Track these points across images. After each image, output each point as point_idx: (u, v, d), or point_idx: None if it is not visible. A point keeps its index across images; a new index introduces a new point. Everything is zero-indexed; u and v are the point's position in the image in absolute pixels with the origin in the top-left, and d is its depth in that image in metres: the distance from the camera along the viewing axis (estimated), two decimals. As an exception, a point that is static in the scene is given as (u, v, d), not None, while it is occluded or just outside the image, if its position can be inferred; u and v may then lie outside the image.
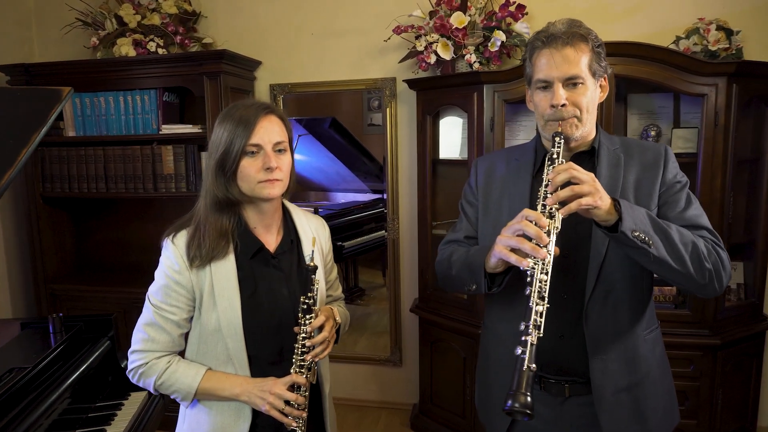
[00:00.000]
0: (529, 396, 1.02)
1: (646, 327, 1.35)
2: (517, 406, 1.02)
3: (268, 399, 1.24)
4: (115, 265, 3.26)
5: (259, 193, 1.26)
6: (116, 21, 2.90)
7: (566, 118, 1.26)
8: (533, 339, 1.07)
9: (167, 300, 1.28)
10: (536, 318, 1.09)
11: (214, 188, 1.26)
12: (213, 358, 1.30)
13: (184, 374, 1.28)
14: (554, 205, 1.14)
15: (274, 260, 1.33)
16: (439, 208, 2.84)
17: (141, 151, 2.87)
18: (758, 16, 2.53)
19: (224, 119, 1.27)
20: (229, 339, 1.27)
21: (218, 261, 1.27)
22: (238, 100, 2.79)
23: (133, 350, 1.30)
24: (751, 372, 2.59)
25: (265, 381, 1.27)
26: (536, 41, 1.31)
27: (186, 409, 1.36)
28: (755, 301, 2.56)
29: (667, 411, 1.37)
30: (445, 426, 2.78)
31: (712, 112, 2.26)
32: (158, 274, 1.32)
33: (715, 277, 1.21)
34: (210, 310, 1.27)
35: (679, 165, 1.35)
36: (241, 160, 1.23)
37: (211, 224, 1.27)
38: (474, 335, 2.58)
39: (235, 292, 1.27)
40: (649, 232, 1.15)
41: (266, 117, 1.25)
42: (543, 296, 1.10)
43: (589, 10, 2.63)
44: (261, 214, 1.32)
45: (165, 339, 1.29)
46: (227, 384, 1.27)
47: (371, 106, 3.45)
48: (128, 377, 1.34)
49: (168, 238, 1.31)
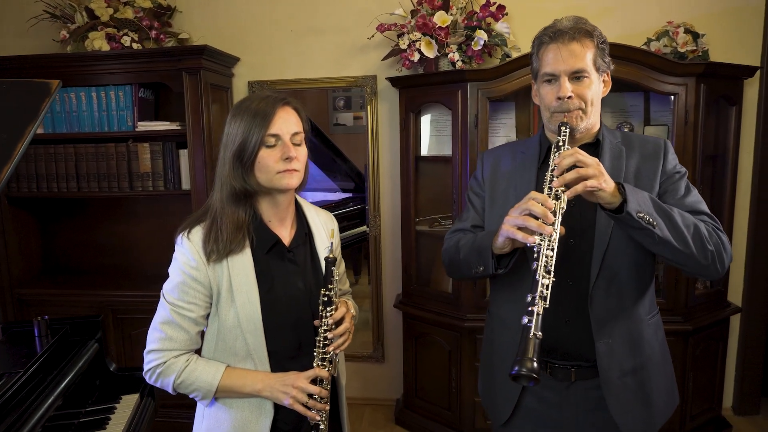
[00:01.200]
0: (536, 362, 1.06)
1: (648, 311, 1.40)
2: (524, 371, 1.05)
3: (292, 393, 1.23)
4: (85, 267, 3.14)
5: (278, 184, 1.25)
6: (87, 14, 2.80)
7: (572, 110, 1.31)
8: (539, 309, 1.12)
9: (184, 297, 1.26)
10: (542, 290, 1.14)
11: (231, 180, 1.25)
12: (232, 355, 1.28)
13: (203, 372, 1.26)
14: (560, 188, 1.19)
15: (290, 254, 1.33)
16: (421, 205, 2.88)
17: (116, 148, 2.78)
18: (721, 21, 2.68)
19: (239, 112, 1.26)
20: (248, 334, 1.26)
21: (235, 255, 1.26)
22: (218, 96, 2.80)
23: (150, 350, 1.27)
24: (717, 356, 2.74)
25: (287, 375, 1.26)
26: (544, 36, 1.36)
27: (205, 408, 1.34)
28: (720, 288, 2.72)
29: (669, 393, 1.43)
30: (431, 419, 2.82)
31: (683, 111, 2.39)
32: (173, 271, 1.29)
33: (717, 258, 1.27)
34: (228, 306, 1.26)
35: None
36: (259, 151, 1.23)
37: (228, 216, 1.26)
38: (458, 328, 2.63)
39: (253, 287, 1.26)
40: (653, 213, 1.20)
41: (283, 108, 1.25)
42: (549, 270, 1.15)
43: (564, 12, 2.68)
44: (276, 207, 1.31)
45: (183, 337, 1.27)
46: (248, 380, 1.26)
47: (337, 105, 3.44)
48: (144, 378, 1.31)
49: (182, 235, 1.29)
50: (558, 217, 1.17)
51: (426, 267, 2.91)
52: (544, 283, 1.14)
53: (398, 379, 3.06)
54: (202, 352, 1.33)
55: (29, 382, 1.57)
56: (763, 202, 2.80)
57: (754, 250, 2.84)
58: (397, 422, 2.96)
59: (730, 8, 2.69)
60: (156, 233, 3.06)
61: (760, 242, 2.83)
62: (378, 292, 3.10)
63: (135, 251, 3.09)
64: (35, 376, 1.61)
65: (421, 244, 2.87)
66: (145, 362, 1.29)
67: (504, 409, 1.47)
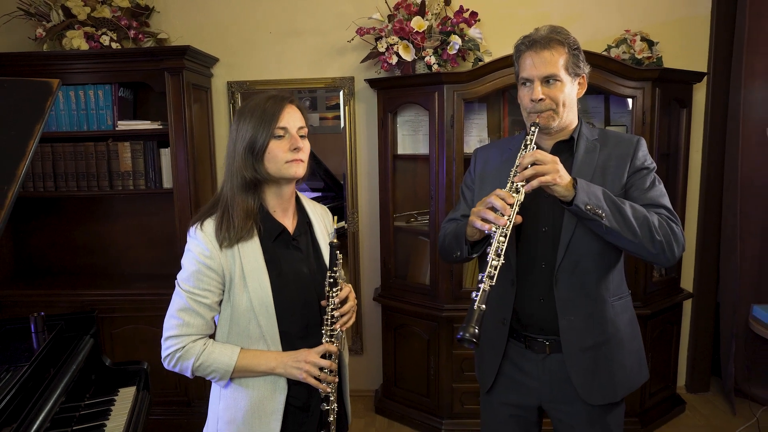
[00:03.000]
0: (477, 329, 1.24)
1: (614, 294, 1.54)
2: (466, 336, 1.24)
3: (305, 368, 1.34)
4: (63, 268, 3.11)
5: (286, 172, 1.36)
6: (63, 12, 2.79)
7: (544, 111, 1.47)
8: (486, 286, 1.30)
9: (199, 285, 1.34)
10: (491, 270, 1.31)
11: (243, 170, 1.35)
12: (245, 338, 1.37)
13: (221, 354, 1.35)
14: (520, 183, 1.36)
15: (294, 242, 1.44)
16: (397, 201, 3.00)
17: (95, 147, 2.78)
18: (673, 30, 2.92)
19: (248, 111, 1.37)
20: (261, 317, 1.35)
21: (245, 243, 1.35)
22: (198, 96, 2.84)
23: (169, 336, 1.35)
24: (672, 338, 2.98)
25: (298, 352, 1.36)
26: (521, 45, 1.51)
27: (221, 390, 1.41)
28: (674, 276, 2.96)
29: (634, 369, 1.58)
30: (410, 406, 2.95)
31: (641, 112, 2.60)
32: (187, 262, 1.38)
33: (666, 248, 1.42)
34: (241, 291, 1.35)
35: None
36: (269, 143, 1.34)
37: (239, 204, 1.36)
38: (436, 318, 2.77)
39: (263, 273, 1.36)
40: (602, 206, 1.36)
41: (290, 105, 1.38)
42: (499, 254, 1.32)
43: (531, 19, 2.90)
44: (280, 198, 1.42)
45: (199, 322, 1.35)
46: (262, 360, 1.36)
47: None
48: (163, 364, 1.37)
49: (195, 227, 1.38)
50: (515, 208, 1.35)
51: (404, 261, 3.03)
52: (494, 264, 1.31)
53: (377, 370, 3.17)
54: (216, 337, 1.41)
55: (34, 377, 1.60)
56: (711, 196, 3.06)
57: (703, 240, 3.09)
58: (377, 411, 3.08)
59: (680, 19, 2.93)
60: (136, 232, 3.07)
61: (709, 233, 3.09)
62: (356, 286, 3.20)
63: (114, 250, 3.09)
64: (38, 370, 1.65)
65: (399, 239, 2.99)
66: (164, 348, 1.36)
67: (488, 377, 1.63)
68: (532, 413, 1.62)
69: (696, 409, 3.05)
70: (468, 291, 2.67)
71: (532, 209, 1.52)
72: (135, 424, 1.77)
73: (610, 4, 2.93)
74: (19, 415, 1.44)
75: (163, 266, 3.02)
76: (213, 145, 3.08)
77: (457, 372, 2.78)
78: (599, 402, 1.51)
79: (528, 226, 1.53)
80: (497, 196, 1.35)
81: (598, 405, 1.51)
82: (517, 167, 1.39)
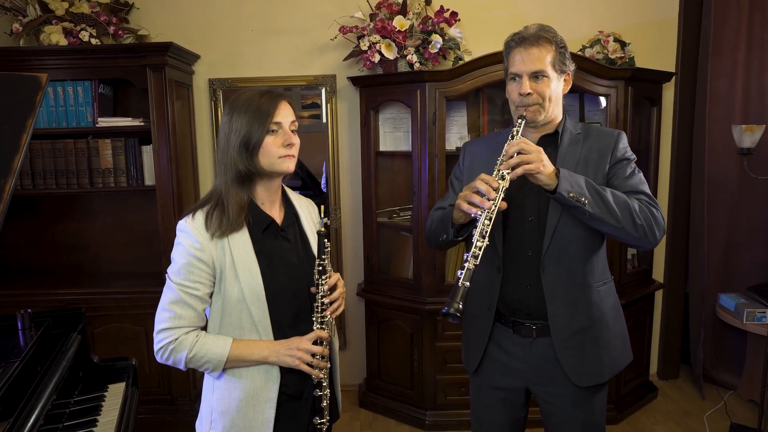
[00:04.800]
0: (461, 304, 1.32)
1: (598, 280, 1.62)
2: (451, 310, 1.31)
3: (297, 354, 1.36)
4: (41, 267, 3.06)
5: (279, 167, 1.39)
6: (40, 7, 2.75)
7: (531, 104, 1.54)
8: (470, 265, 1.37)
9: (190, 277, 1.36)
10: (475, 251, 1.38)
11: (237, 163, 1.37)
12: (237, 328, 1.39)
13: (213, 344, 1.36)
14: (506, 170, 1.43)
15: (282, 232, 1.47)
16: (380, 197, 3.04)
17: (74, 144, 2.75)
18: (643, 31, 3.05)
19: (240, 106, 1.38)
20: (252, 307, 1.37)
21: (235, 234, 1.38)
22: (180, 93, 2.83)
23: (161, 329, 1.35)
24: (645, 327, 3.10)
25: (290, 340, 1.39)
26: (511, 41, 1.58)
27: (215, 381, 1.43)
28: (647, 267, 3.08)
29: (618, 351, 1.65)
30: (394, 399, 3.00)
31: (614, 110, 2.70)
32: (177, 255, 1.38)
33: (647, 231, 1.49)
34: (233, 282, 1.37)
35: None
36: (265, 137, 1.36)
37: (233, 197, 1.38)
38: (420, 311, 2.82)
39: (254, 263, 1.38)
40: (584, 193, 1.43)
41: (283, 101, 1.41)
42: (484, 235, 1.39)
43: (508, 20, 2.99)
44: (268, 191, 1.45)
45: (191, 314, 1.37)
46: (255, 349, 1.38)
47: None
48: (155, 357, 1.38)
49: (185, 220, 1.39)
50: (500, 193, 1.41)
51: (386, 256, 3.08)
52: (479, 245, 1.38)
53: (361, 365, 3.21)
54: (207, 329, 1.42)
55: (24, 374, 1.59)
56: (680, 191, 3.19)
57: (672, 232, 3.23)
58: (361, 405, 3.12)
59: (650, 21, 3.06)
60: (116, 230, 3.04)
61: (678, 226, 3.23)
62: (339, 282, 3.23)
63: (95, 249, 3.05)
64: (28, 367, 1.63)
65: (382, 235, 3.04)
66: (156, 341, 1.36)
67: (473, 360, 1.70)
68: (519, 396, 1.68)
69: (667, 395, 3.18)
70: (451, 284, 2.73)
71: (519, 199, 1.59)
72: (127, 419, 1.77)
73: (584, 7, 3.04)
74: (12, 413, 1.43)
75: (146, 264, 3.00)
76: (195, 142, 3.07)
77: (440, 364, 2.84)
78: (587, 384, 1.58)
79: (515, 215, 1.59)
80: (482, 180, 1.42)
81: (585, 387, 1.58)
82: (503, 156, 1.45)
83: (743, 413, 2.95)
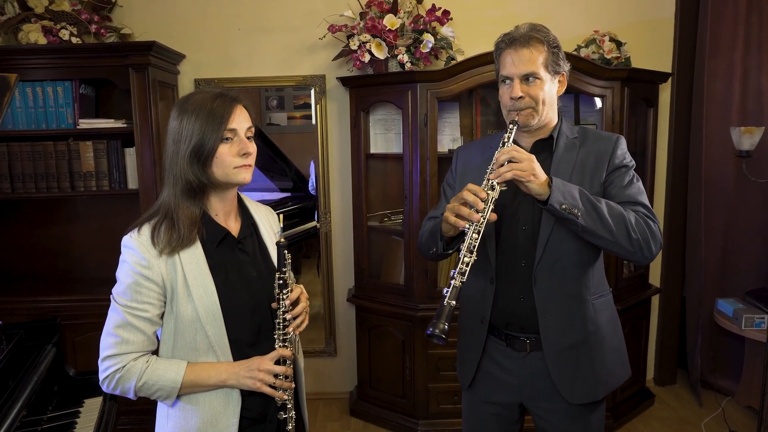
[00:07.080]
0: (446, 325, 1.26)
1: (593, 293, 1.54)
2: (436, 332, 1.26)
3: (258, 376, 1.26)
4: (20, 273, 2.97)
5: (234, 178, 1.27)
6: (18, 5, 2.66)
7: (523, 108, 1.46)
8: (457, 282, 1.31)
9: (137, 297, 1.24)
10: (462, 267, 1.31)
11: (187, 174, 1.25)
12: (192, 350, 1.28)
13: (166, 370, 1.25)
14: (495, 179, 1.35)
15: (239, 245, 1.35)
16: (370, 201, 2.97)
17: (55, 147, 2.66)
18: (639, 31, 2.98)
19: (191, 109, 1.26)
20: (208, 326, 1.26)
21: (186, 250, 1.26)
22: (164, 94, 2.74)
23: (106, 356, 1.24)
24: (642, 333, 3.04)
25: (250, 360, 1.28)
26: (501, 43, 1.50)
27: (169, 409, 1.31)
28: (643, 272, 3.02)
29: (614, 366, 1.58)
30: (385, 408, 2.92)
31: (610, 111, 2.64)
32: (123, 273, 1.27)
33: (643, 245, 1.41)
34: (185, 301, 1.26)
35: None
36: (218, 147, 1.24)
37: (184, 211, 1.26)
38: (411, 318, 2.75)
39: (208, 279, 1.27)
40: (578, 204, 1.35)
41: (238, 106, 1.28)
42: (471, 250, 1.32)
43: (501, 18, 2.92)
44: (223, 202, 1.33)
45: (140, 339, 1.25)
46: (212, 372, 1.26)
47: (270, 105, 3.47)
48: (100, 386, 1.26)
49: (130, 236, 1.27)
50: (489, 205, 1.34)
51: (377, 261, 3.01)
52: (465, 261, 1.31)
53: (351, 372, 3.13)
54: (159, 352, 1.31)
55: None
56: (676, 193, 3.14)
57: (669, 236, 3.16)
58: (352, 413, 3.04)
59: (646, 20, 3.00)
60: (99, 234, 2.95)
61: (675, 229, 3.17)
62: (329, 287, 3.15)
63: (76, 254, 2.96)
64: (-4, 382, 1.55)
65: (373, 239, 2.96)
66: (101, 370, 1.25)
67: (467, 374, 1.62)
68: (513, 411, 1.61)
69: (664, 402, 3.12)
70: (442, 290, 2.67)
71: (512, 208, 1.52)
72: (103, 435, 1.69)
73: (579, 6, 2.97)
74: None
75: (129, 270, 2.91)
76: (180, 144, 2.98)
77: (432, 372, 2.77)
78: (581, 401, 1.51)
79: (508, 224, 1.52)
80: (469, 191, 1.35)
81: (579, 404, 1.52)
82: (493, 164, 1.38)
83: (741, 420, 2.90)
